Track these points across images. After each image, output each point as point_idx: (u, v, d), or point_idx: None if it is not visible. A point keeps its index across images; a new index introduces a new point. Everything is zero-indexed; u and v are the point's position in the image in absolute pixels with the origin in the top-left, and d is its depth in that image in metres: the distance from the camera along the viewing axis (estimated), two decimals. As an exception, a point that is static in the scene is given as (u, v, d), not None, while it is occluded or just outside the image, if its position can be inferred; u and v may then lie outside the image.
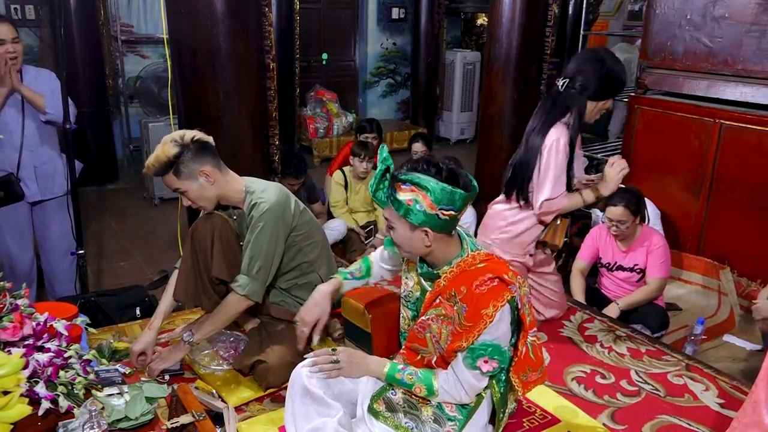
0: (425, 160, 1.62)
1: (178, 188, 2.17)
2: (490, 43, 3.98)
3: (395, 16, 7.83)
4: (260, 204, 2.16)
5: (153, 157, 2.12)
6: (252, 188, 2.23)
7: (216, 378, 2.28)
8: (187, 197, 2.19)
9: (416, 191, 1.57)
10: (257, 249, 2.15)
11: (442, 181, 1.56)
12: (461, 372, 1.64)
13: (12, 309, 1.78)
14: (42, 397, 1.65)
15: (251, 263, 2.16)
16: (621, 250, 3.16)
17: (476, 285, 1.56)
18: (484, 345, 1.58)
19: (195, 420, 1.66)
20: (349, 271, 2.02)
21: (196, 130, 2.20)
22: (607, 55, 2.47)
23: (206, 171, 2.15)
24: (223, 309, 2.19)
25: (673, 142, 3.59)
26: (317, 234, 2.39)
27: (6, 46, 2.74)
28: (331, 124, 6.98)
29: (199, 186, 2.16)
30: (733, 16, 3.27)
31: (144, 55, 6.11)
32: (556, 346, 2.68)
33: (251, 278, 2.16)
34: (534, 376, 1.75)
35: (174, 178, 2.14)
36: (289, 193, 2.31)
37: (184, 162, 2.12)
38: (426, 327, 1.69)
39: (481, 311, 1.55)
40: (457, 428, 1.69)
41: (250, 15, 2.73)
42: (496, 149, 4.08)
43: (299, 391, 1.74)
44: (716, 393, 2.36)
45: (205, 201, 2.21)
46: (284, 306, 2.38)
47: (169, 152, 2.10)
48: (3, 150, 2.86)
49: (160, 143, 2.15)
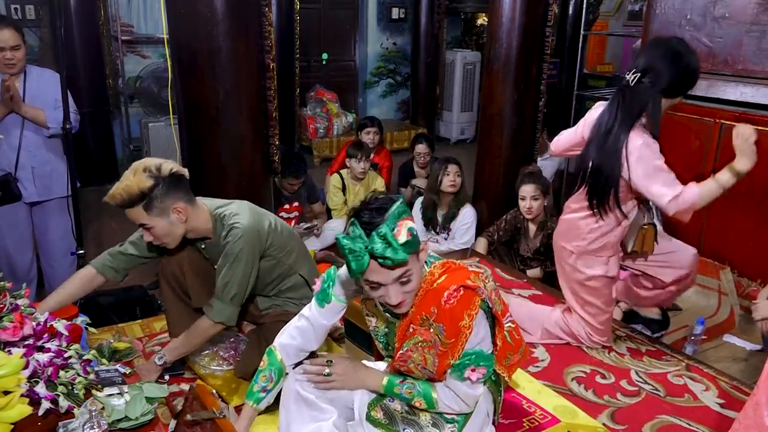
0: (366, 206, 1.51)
1: (144, 224, 1.98)
2: (490, 43, 3.98)
3: (395, 16, 7.83)
4: (234, 229, 2.04)
5: (122, 187, 1.91)
6: (221, 213, 2.10)
7: (216, 378, 2.28)
8: (151, 233, 2.01)
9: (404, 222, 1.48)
10: (232, 275, 2.04)
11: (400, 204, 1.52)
12: (454, 385, 1.63)
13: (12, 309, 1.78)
14: (42, 397, 1.65)
15: (226, 289, 2.05)
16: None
17: (444, 301, 1.52)
18: (465, 355, 1.56)
19: (215, 417, 1.66)
20: (260, 388, 1.76)
21: (172, 162, 2.02)
22: (682, 45, 2.26)
23: (179, 208, 1.99)
24: (195, 333, 2.11)
25: (673, 142, 3.59)
26: (292, 240, 2.29)
27: (4, 53, 2.72)
28: (331, 124, 6.98)
29: (169, 223, 1.99)
30: (733, 16, 3.27)
31: (144, 55, 6.11)
32: (556, 346, 2.68)
33: (225, 304, 2.06)
34: (515, 357, 1.78)
35: (143, 212, 1.94)
36: (259, 209, 2.21)
37: (157, 196, 1.94)
38: (407, 359, 1.65)
39: (458, 324, 1.53)
40: (456, 429, 1.69)
41: (250, 15, 2.73)
42: (496, 149, 4.08)
43: (292, 397, 1.73)
44: (716, 393, 2.36)
45: (172, 239, 2.05)
46: (276, 309, 2.31)
47: (142, 184, 1.91)
48: (1, 150, 2.85)
49: (129, 171, 1.95)
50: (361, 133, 4.70)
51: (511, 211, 3.67)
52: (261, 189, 2.97)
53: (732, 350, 2.98)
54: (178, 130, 2.96)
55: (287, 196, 3.91)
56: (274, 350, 1.78)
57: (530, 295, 3.16)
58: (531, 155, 4.14)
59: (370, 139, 4.65)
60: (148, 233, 2.01)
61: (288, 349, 1.78)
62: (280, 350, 1.78)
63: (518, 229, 3.62)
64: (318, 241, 3.98)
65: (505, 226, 3.64)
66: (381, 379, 1.69)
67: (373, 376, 1.72)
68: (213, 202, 2.17)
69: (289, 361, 1.79)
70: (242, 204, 2.17)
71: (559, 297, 3.17)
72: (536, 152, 4.22)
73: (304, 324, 1.79)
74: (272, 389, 1.77)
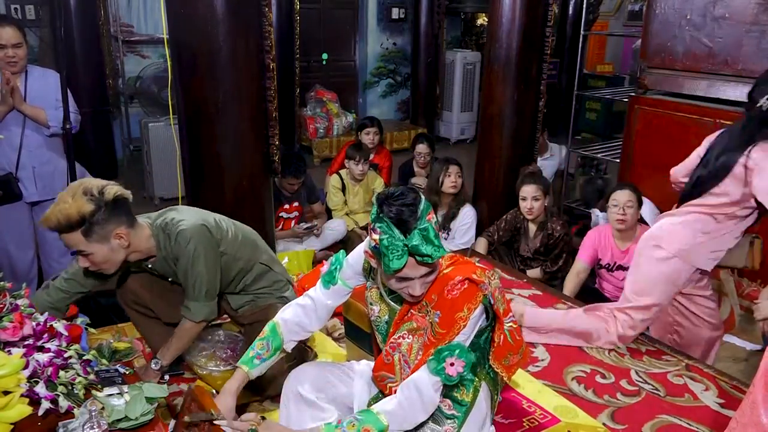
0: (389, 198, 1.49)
1: (82, 250, 1.87)
2: (490, 43, 3.98)
3: (395, 16, 7.83)
4: (180, 232, 1.98)
5: (58, 211, 1.80)
6: (162, 224, 2.03)
7: (215, 378, 2.28)
8: (88, 260, 1.90)
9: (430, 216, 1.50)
10: (197, 274, 2.01)
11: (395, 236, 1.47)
12: (423, 383, 1.56)
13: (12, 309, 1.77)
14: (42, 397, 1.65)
15: (196, 289, 2.03)
16: (620, 251, 3.16)
17: (447, 290, 1.55)
18: (451, 345, 1.55)
19: (213, 419, 1.66)
20: (255, 354, 1.74)
21: (114, 183, 1.92)
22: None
23: (121, 233, 1.89)
24: (181, 335, 2.11)
25: (673, 142, 3.58)
26: (240, 231, 2.23)
27: (6, 51, 2.73)
28: (331, 124, 6.98)
29: (109, 249, 1.89)
30: (733, 16, 3.27)
31: (144, 55, 6.11)
32: (556, 346, 2.68)
33: (201, 303, 2.05)
34: (515, 358, 1.77)
35: (81, 238, 1.83)
36: (198, 209, 2.18)
37: (98, 222, 1.83)
38: (396, 347, 1.65)
39: (455, 315, 1.54)
40: (456, 425, 1.69)
41: (250, 15, 2.73)
42: (496, 149, 4.08)
43: (292, 397, 1.74)
44: (716, 393, 2.36)
45: (111, 265, 1.94)
46: (251, 306, 2.28)
47: (82, 208, 1.80)
48: (2, 149, 2.86)
49: (68, 192, 1.83)
50: (361, 133, 4.70)
51: (511, 211, 3.67)
52: (261, 189, 2.97)
53: (732, 350, 2.98)
54: (178, 130, 2.95)
55: (287, 196, 3.91)
56: (276, 323, 1.79)
57: (530, 295, 3.17)
58: (531, 155, 4.14)
59: (369, 139, 4.65)
60: (84, 259, 1.90)
61: (289, 324, 1.79)
62: (282, 324, 1.78)
63: (518, 229, 3.62)
64: (318, 241, 3.98)
65: (505, 226, 3.64)
66: (318, 428, 1.56)
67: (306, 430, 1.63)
68: (148, 217, 2.09)
69: (289, 336, 1.78)
70: (180, 208, 2.14)
71: (559, 297, 3.17)
72: (536, 152, 4.22)
73: (307, 302, 1.80)
74: (267, 359, 1.75)
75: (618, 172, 4.01)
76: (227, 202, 2.81)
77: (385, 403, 1.60)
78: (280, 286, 2.30)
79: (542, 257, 3.56)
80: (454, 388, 1.70)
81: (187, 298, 2.07)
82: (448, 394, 1.70)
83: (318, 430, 1.54)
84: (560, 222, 3.58)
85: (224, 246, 2.12)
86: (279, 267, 2.35)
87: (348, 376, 1.85)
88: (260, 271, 2.25)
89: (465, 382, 1.70)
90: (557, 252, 3.51)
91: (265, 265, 2.27)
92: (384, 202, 1.47)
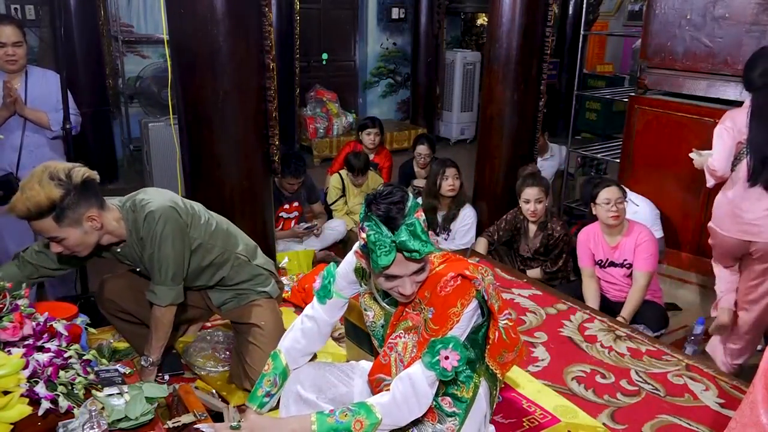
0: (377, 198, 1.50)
1: (55, 236, 1.84)
2: (490, 43, 3.98)
3: (395, 16, 7.83)
4: (149, 214, 1.95)
5: (26, 199, 1.75)
6: (130, 205, 2.01)
7: (216, 378, 2.28)
8: (62, 245, 1.87)
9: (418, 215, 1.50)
10: (164, 257, 1.97)
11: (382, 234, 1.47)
12: (417, 377, 1.55)
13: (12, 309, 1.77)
14: (42, 397, 1.65)
15: (162, 272, 1.99)
16: (610, 246, 3.16)
17: (440, 287, 1.54)
18: (445, 338, 1.53)
19: (196, 419, 1.65)
20: (264, 392, 1.74)
21: (81, 164, 1.89)
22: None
23: (93, 215, 1.87)
24: (157, 324, 2.08)
25: (673, 142, 3.59)
26: (215, 219, 2.20)
27: (6, 49, 2.74)
28: (331, 124, 6.98)
29: (82, 233, 1.86)
30: (733, 16, 3.27)
31: (144, 55, 6.11)
32: (556, 346, 2.68)
33: (166, 286, 2.01)
34: (510, 356, 1.76)
35: (53, 224, 1.80)
36: (167, 191, 2.13)
37: (69, 206, 1.80)
38: (393, 347, 1.65)
39: (448, 311, 1.53)
40: (458, 423, 1.69)
41: (250, 15, 2.73)
42: (496, 149, 4.08)
43: (293, 397, 1.74)
44: (716, 393, 2.36)
45: (85, 248, 1.92)
46: (232, 303, 2.25)
47: (52, 194, 1.76)
48: (3, 150, 2.86)
49: (32, 179, 1.77)
50: (362, 133, 4.70)
51: (511, 210, 3.67)
52: (261, 189, 2.97)
53: (732, 350, 2.97)
54: (178, 130, 2.95)
55: (287, 197, 3.91)
56: (279, 354, 1.78)
57: (530, 295, 3.17)
58: (531, 155, 4.14)
59: (370, 140, 4.65)
60: (57, 245, 1.87)
61: (292, 353, 1.79)
62: (285, 354, 1.77)
63: (518, 229, 3.62)
64: (318, 241, 3.99)
65: (505, 226, 3.64)
66: (308, 420, 1.54)
67: (297, 420, 1.60)
68: (117, 200, 2.06)
69: (294, 365, 1.79)
70: (151, 190, 2.10)
71: (558, 297, 3.17)
72: (536, 152, 4.22)
73: (307, 325, 1.80)
74: (276, 393, 1.76)
75: (618, 172, 4.01)
76: (227, 202, 2.81)
77: (380, 396, 1.59)
78: (261, 280, 2.25)
79: (542, 257, 3.56)
80: (453, 386, 1.70)
81: (153, 281, 2.02)
82: (447, 391, 1.70)
83: (309, 417, 1.53)
84: (560, 222, 3.58)
85: (194, 231, 2.07)
86: (260, 259, 2.29)
87: (348, 376, 1.85)
88: (237, 263, 2.19)
89: (464, 378, 1.70)
90: (557, 252, 3.51)
91: (243, 256, 2.21)
92: (372, 201, 1.48)
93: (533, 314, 2.96)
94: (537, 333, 2.79)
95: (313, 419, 1.51)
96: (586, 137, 7.98)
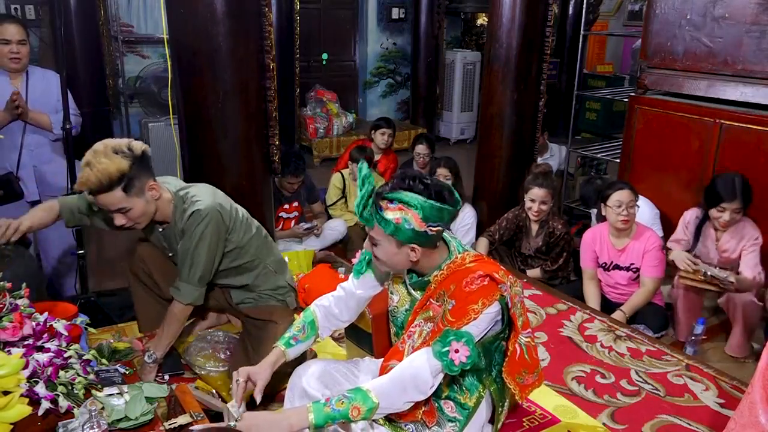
0: (411, 177, 1.56)
1: (122, 207, 1.94)
2: (490, 43, 3.98)
3: (395, 16, 7.83)
4: (196, 211, 2.02)
5: (97, 171, 1.85)
6: (183, 196, 2.09)
7: (215, 378, 2.28)
8: (127, 216, 1.97)
9: (404, 210, 1.52)
10: (197, 257, 2.04)
11: (429, 198, 1.52)
12: (421, 362, 1.53)
13: (12, 309, 1.77)
14: (42, 397, 1.65)
15: (192, 271, 2.05)
16: (617, 249, 3.15)
17: (466, 282, 1.55)
18: (459, 331, 1.52)
19: (193, 420, 1.65)
20: (291, 335, 1.80)
21: (133, 140, 2.01)
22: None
23: (153, 185, 1.99)
24: (171, 319, 2.13)
25: (673, 142, 3.59)
26: (253, 225, 2.29)
27: (10, 47, 2.77)
28: (331, 124, 6.98)
29: (145, 202, 1.98)
30: (733, 16, 3.27)
31: (144, 55, 6.11)
32: (556, 346, 2.68)
33: (192, 285, 2.07)
34: (530, 378, 1.74)
35: (122, 194, 1.90)
36: (220, 192, 2.21)
37: (135, 176, 1.91)
38: (411, 335, 1.65)
39: (467, 306, 1.53)
40: (457, 429, 1.69)
41: (250, 15, 2.73)
42: (496, 149, 4.08)
43: (298, 393, 1.75)
44: (716, 393, 2.37)
45: (146, 218, 2.02)
46: (251, 304, 2.31)
47: (121, 165, 1.87)
48: (3, 149, 2.86)
49: (97, 155, 1.89)
50: (376, 132, 4.74)
51: (512, 209, 3.67)
52: (261, 189, 2.97)
53: (732, 350, 2.97)
54: (178, 130, 2.95)
55: (287, 196, 3.91)
56: (312, 309, 1.86)
57: (530, 295, 3.17)
58: (531, 155, 4.14)
59: (383, 140, 4.70)
60: (122, 216, 1.96)
61: (323, 310, 1.86)
62: (317, 310, 1.86)
63: (520, 228, 3.62)
64: (318, 241, 3.98)
65: (506, 225, 3.63)
66: (305, 407, 1.53)
67: (296, 412, 1.56)
68: (175, 183, 2.16)
69: (324, 323, 1.85)
70: (203, 186, 2.18)
71: (558, 297, 3.17)
72: (536, 152, 4.22)
73: (340, 293, 1.88)
74: (302, 341, 1.80)
75: (618, 172, 4.01)
76: (227, 202, 2.81)
77: (378, 380, 1.58)
78: (282, 292, 2.33)
79: (543, 256, 3.56)
80: (458, 391, 1.69)
81: (180, 278, 2.09)
82: (451, 395, 1.70)
83: (305, 408, 1.52)
84: (561, 221, 3.57)
85: (233, 235, 2.16)
86: (287, 276, 2.38)
87: (353, 373, 1.85)
88: (264, 273, 2.27)
89: (469, 386, 1.69)
90: (558, 251, 3.51)
91: (272, 268, 2.30)
92: (404, 175, 1.57)
93: (533, 314, 2.97)
94: (537, 333, 2.79)
95: (310, 410, 1.51)
96: (586, 137, 7.98)
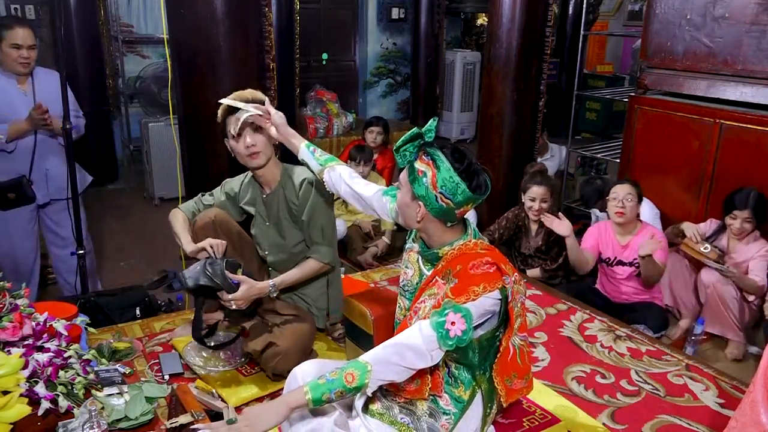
0: (459, 150, 1.64)
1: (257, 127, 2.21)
2: (490, 43, 3.98)
3: (395, 16, 7.83)
4: (306, 182, 2.24)
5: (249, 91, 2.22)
6: (290, 169, 2.32)
7: (216, 378, 2.28)
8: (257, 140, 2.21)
9: (430, 166, 1.60)
10: (324, 221, 2.26)
11: (456, 170, 1.58)
12: (414, 331, 1.55)
13: (12, 309, 1.78)
14: (42, 397, 1.65)
15: (324, 233, 2.27)
16: (620, 245, 3.16)
17: (473, 265, 1.57)
18: (457, 305, 1.53)
19: (194, 420, 1.65)
20: (314, 147, 2.14)
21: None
22: None
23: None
24: (304, 270, 2.28)
25: (673, 142, 3.59)
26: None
27: (21, 52, 2.77)
28: (331, 124, 6.97)
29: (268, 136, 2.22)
30: (733, 16, 3.27)
31: (144, 55, 6.11)
32: (556, 346, 2.68)
33: (330, 247, 2.29)
34: (519, 384, 1.74)
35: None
36: None
37: None
38: (416, 312, 1.67)
39: (469, 287, 1.54)
40: (452, 421, 1.69)
41: (250, 15, 2.73)
42: (496, 149, 4.08)
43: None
44: (716, 393, 2.36)
45: (265, 155, 2.24)
46: (290, 301, 2.42)
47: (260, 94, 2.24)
48: (16, 153, 2.87)
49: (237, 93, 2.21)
50: (366, 131, 4.72)
51: (512, 209, 3.67)
52: (261, 189, 2.97)
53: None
54: (178, 130, 2.95)
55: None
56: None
57: (530, 296, 3.16)
58: (531, 155, 4.14)
59: (372, 138, 4.65)
60: (252, 138, 2.20)
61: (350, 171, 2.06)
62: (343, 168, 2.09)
63: (520, 227, 3.62)
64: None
65: (506, 224, 3.64)
66: (301, 387, 1.54)
67: (291, 392, 1.59)
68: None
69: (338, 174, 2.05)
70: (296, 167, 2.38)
71: (559, 297, 3.17)
72: (536, 152, 4.22)
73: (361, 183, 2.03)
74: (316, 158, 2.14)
75: (618, 172, 4.01)
76: (227, 202, 2.80)
77: (372, 350, 1.61)
78: (319, 305, 2.44)
79: (543, 255, 3.56)
80: (453, 384, 1.70)
81: (316, 243, 2.28)
82: (446, 389, 1.71)
83: (301, 388, 1.55)
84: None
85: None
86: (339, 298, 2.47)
87: None
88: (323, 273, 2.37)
89: (464, 379, 1.70)
90: (558, 250, 3.50)
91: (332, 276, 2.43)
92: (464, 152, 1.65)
93: (533, 314, 2.96)
94: (537, 333, 2.79)
95: (306, 389, 1.53)
96: (586, 137, 7.99)
